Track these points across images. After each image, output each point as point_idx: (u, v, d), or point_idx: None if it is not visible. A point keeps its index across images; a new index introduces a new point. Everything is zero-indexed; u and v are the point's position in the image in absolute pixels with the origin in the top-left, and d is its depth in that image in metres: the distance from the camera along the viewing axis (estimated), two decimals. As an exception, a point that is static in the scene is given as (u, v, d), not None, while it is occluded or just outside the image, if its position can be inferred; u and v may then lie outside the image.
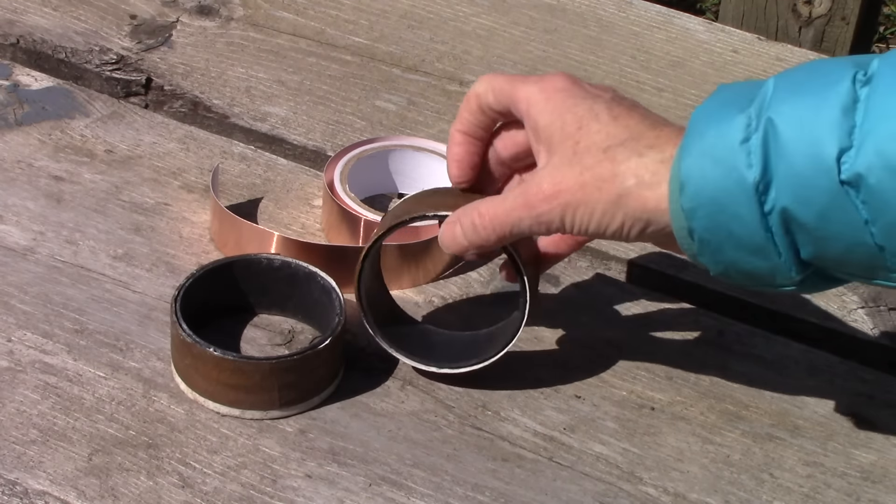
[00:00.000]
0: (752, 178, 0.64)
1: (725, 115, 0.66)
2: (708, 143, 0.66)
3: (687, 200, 0.66)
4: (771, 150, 0.64)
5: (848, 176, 0.62)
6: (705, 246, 0.68)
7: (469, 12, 1.14)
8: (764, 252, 0.66)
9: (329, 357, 0.77)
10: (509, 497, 0.74)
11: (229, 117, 1.00)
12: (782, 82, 0.66)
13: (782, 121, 0.64)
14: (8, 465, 0.72)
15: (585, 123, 0.71)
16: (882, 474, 0.78)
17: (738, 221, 0.65)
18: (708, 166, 0.65)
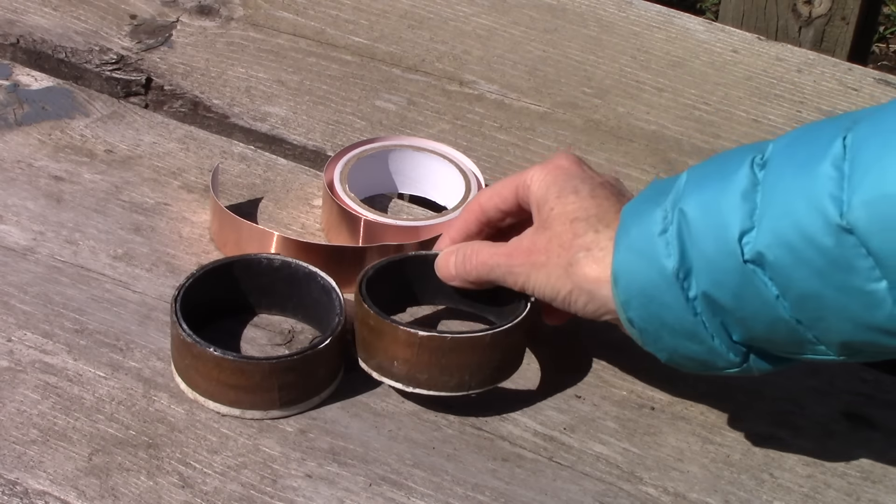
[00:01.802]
0: (671, 267, 0.68)
1: (646, 210, 0.71)
2: (632, 237, 0.70)
3: (621, 293, 0.71)
4: (685, 239, 0.68)
5: (751, 255, 0.66)
6: (646, 334, 0.72)
7: (469, 12, 1.14)
8: (697, 336, 0.70)
9: (329, 357, 0.77)
10: (509, 497, 0.74)
11: (229, 117, 1.00)
12: (693, 174, 0.70)
13: (692, 209, 0.68)
14: (8, 465, 0.72)
15: (564, 195, 0.75)
16: (882, 474, 0.78)
17: (667, 309, 0.70)
18: (634, 259, 0.70)
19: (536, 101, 1.05)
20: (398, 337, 0.77)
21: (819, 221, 0.63)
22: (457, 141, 0.99)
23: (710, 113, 1.05)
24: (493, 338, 0.77)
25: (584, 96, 1.06)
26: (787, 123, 1.05)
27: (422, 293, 0.84)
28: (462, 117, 1.02)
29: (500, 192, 0.79)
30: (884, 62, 2.19)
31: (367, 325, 0.78)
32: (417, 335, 0.76)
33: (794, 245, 0.64)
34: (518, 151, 1.00)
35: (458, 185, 0.91)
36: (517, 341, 0.79)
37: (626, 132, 1.03)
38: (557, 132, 1.02)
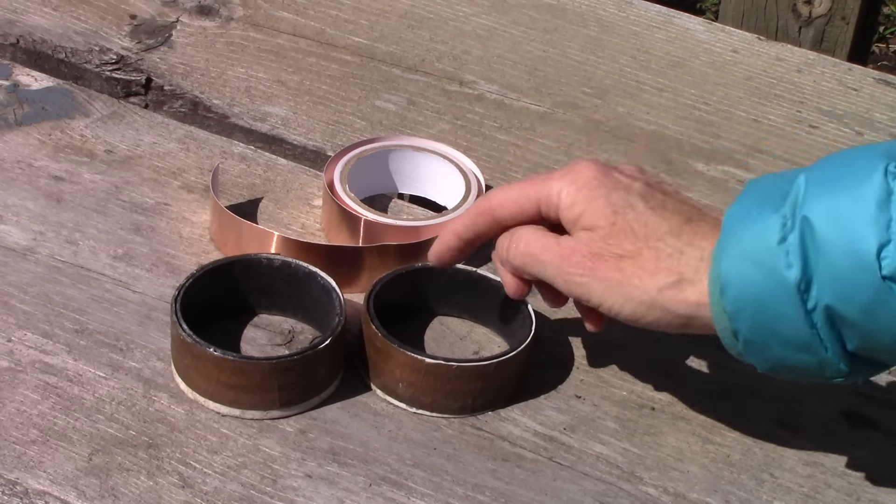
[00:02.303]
0: (793, 278, 0.64)
1: (759, 215, 0.66)
2: (745, 245, 0.66)
3: (729, 303, 0.67)
4: (809, 249, 0.64)
5: (890, 271, 0.62)
6: (751, 346, 0.68)
7: (469, 12, 1.14)
8: (810, 348, 0.66)
9: (329, 357, 0.77)
10: (509, 497, 0.74)
11: (229, 117, 1.00)
12: (814, 178, 0.65)
13: (818, 219, 0.64)
14: (8, 465, 0.72)
15: (621, 211, 0.72)
16: (882, 474, 0.78)
17: (782, 321, 0.66)
18: (747, 268, 0.66)
19: (536, 101, 1.05)
20: (404, 361, 0.77)
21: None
22: (457, 141, 0.99)
23: (710, 113, 1.05)
24: (499, 366, 0.77)
25: (584, 96, 1.06)
26: (787, 123, 1.05)
27: (429, 303, 0.84)
28: (462, 117, 1.02)
29: (517, 201, 0.75)
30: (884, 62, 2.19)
31: (374, 346, 0.78)
32: (423, 362, 0.76)
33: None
34: (518, 151, 1.00)
35: (458, 185, 0.91)
36: (521, 366, 0.80)
37: (626, 132, 1.03)
38: (557, 132, 1.02)
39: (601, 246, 0.72)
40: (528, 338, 0.79)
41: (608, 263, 0.71)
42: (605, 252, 0.71)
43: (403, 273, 0.82)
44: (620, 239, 0.71)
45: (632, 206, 0.72)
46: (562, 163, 0.99)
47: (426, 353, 0.77)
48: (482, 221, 0.77)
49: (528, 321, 0.80)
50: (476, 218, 0.77)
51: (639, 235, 0.71)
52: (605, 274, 0.71)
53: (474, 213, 0.77)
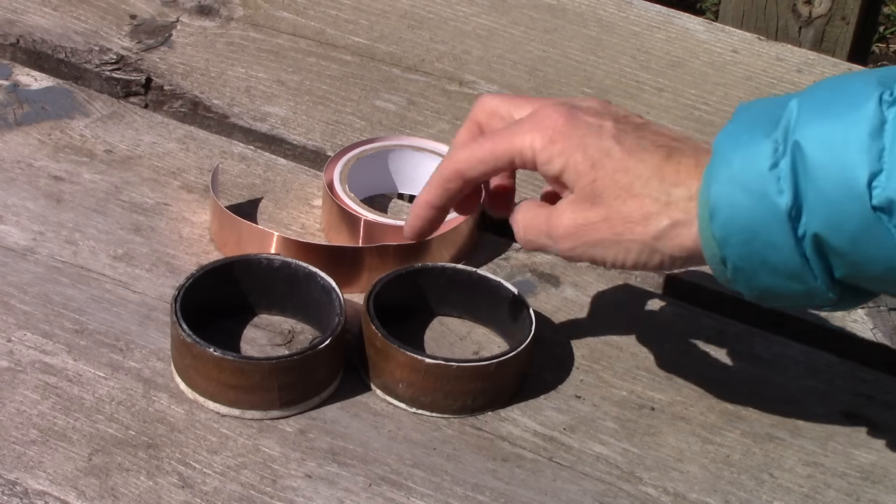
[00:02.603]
0: (784, 205, 0.63)
1: (751, 140, 0.65)
2: (735, 169, 0.65)
3: (718, 229, 0.66)
4: (800, 175, 0.63)
5: (880, 201, 0.61)
6: (739, 273, 0.67)
7: (469, 12, 1.14)
8: (800, 277, 0.65)
9: (329, 357, 0.77)
10: (509, 497, 0.74)
11: (229, 117, 1.00)
12: (807, 103, 0.64)
13: (809, 144, 0.63)
14: (8, 465, 0.72)
15: (598, 161, 0.70)
16: (882, 474, 0.78)
17: (772, 248, 0.65)
18: (737, 194, 0.64)
19: (536, 101, 1.05)
20: (404, 361, 0.77)
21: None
22: (457, 141, 0.99)
23: (710, 113, 1.05)
24: (499, 366, 0.77)
25: (584, 96, 1.06)
26: (787, 123, 1.05)
27: (428, 303, 0.84)
28: (462, 117, 1.02)
29: (487, 161, 0.73)
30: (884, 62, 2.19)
31: (374, 346, 0.78)
32: (423, 362, 0.76)
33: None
34: (518, 151, 0.99)
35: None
36: (521, 366, 0.80)
37: (626, 132, 1.03)
38: (557, 132, 1.02)
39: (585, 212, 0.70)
40: (528, 338, 0.79)
41: (596, 226, 0.70)
42: (592, 216, 0.70)
43: (403, 273, 0.82)
44: (603, 197, 0.70)
45: (608, 154, 0.70)
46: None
47: (426, 354, 0.78)
48: (453, 187, 0.75)
49: (528, 321, 0.80)
50: (446, 185, 0.75)
51: (621, 185, 0.69)
52: (596, 237, 0.70)
53: (443, 179, 0.75)
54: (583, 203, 0.70)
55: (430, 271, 0.83)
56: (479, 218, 0.90)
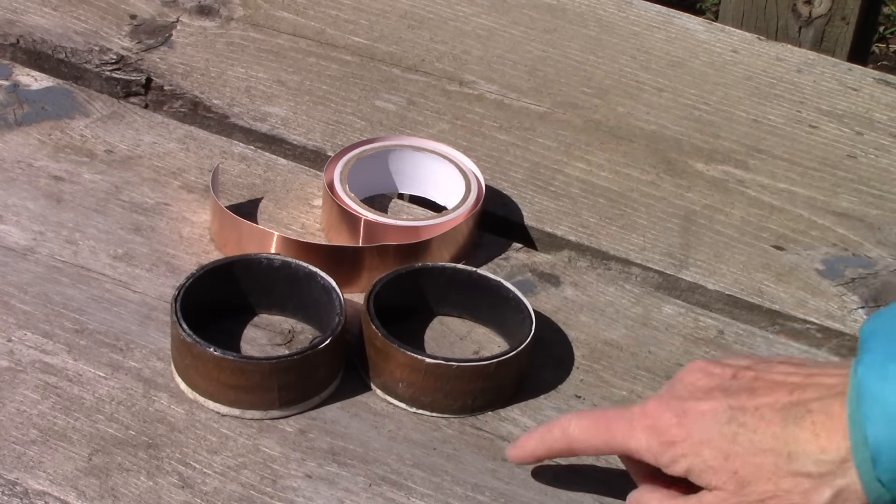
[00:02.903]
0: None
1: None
2: (890, 406, 0.62)
3: (884, 472, 0.62)
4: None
5: None
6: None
7: (469, 12, 1.14)
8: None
9: (329, 357, 0.77)
10: (509, 497, 0.74)
11: (229, 117, 1.00)
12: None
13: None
14: (8, 465, 0.72)
15: (729, 451, 0.66)
16: (882, 474, 0.78)
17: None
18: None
19: (536, 101, 1.05)
20: (404, 361, 0.77)
21: None
22: (457, 141, 0.99)
23: (710, 113, 1.05)
24: (499, 366, 0.77)
25: (584, 96, 1.06)
26: (787, 123, 1.05)
27: (428, 303, 0.84)
28: (462, 117, 1.02)
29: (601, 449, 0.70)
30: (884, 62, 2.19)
31: (374, 346, 0.78)
32: (423, 362, 0.77)
33: None
34: (518, 151, 1.00)
35: (458, 185, 0.91)
36: (521, 366, 0.80)
37: (626, 132, 1.03)
38: (557, 132, 1.02)
39: (737, 501, 0.66)
40: (528, 338, 0.79)
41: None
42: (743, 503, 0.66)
43: (403, 273, 0.82)
44: (751, 485, 0.65)
45: (735, 441, 0.66)
46: (561, 163, 0.99)
47: (426, 353, 0.77)
48: (558, 449, 0.72)
49: (528, 321, 0.80)
50: (552, 445, 0.72)
51: (766, 470, 0.65)
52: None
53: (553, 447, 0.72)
54: (731, 497, 0.66)
55: (430, 271, 0.83)
56: (479, 218, 0.90)
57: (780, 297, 0.89)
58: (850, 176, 1.01)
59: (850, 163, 1.02)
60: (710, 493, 0.67)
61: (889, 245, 0.95)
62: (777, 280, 0.91)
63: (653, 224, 0.94)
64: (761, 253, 0.93)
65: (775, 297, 0.89)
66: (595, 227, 0.94)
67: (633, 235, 0.93)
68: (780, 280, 0.91)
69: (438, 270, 0.83)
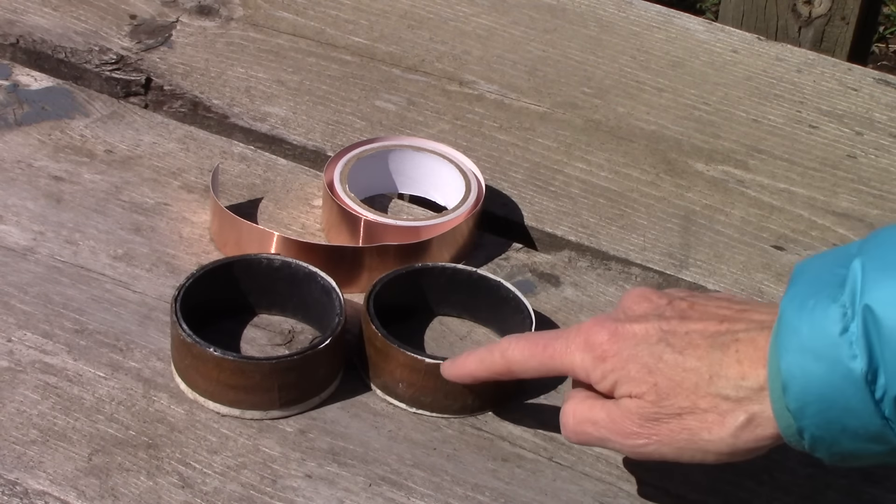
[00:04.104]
0: (859, 370, 0.62)
1: (817, 305, 0.63)
2: (804, 337, 0.63)
3: (793, 400, 0.64)
4: (873, 338, 0.61)
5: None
6: (818, 441, 0.65)
7: (469, 12, 1.14)
8: (882, 438, 0.63)
9: (329, 357, 0.77)
10: (509, 497, 0.74)
11: (229, 117, 1.00)
12: (871, 261, 0.63)
13: (881, 306, 0.61)
14: (8, 465, 0.72)
15: (654, 368, 0.68)
16: (882, 475, 0.78)
17: (850, 414, 0.63)
18: (809, 362, 0.63)
19: (536, 101, 1.05)
20: (404, 361, 0.77)
21: None
22: (457, 141, 0.99)
23: (710, 113, 1.05)
24: None
25: (584, 96, 1.06)
26: (786, 123, 1.05)
27: (428, 303, 0.84)
28: (462, 117, 1.02)
29: (538, 370, 0.72)
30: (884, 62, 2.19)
31: (374, 346, 0.78)
32: (423, 362, 0.77)
33: None
34: (518, 151, 1.00)
35: (458, 185, 0.91)
36: None
37: (626, 132, 1.03)
38: (557, 132, 1.02)
39: (654, 411, 0.68)
40: None
41: (669, 425, 0.68)
42: (660, 415, 0.68)
43: (403, 273, 0.82)
44: (670, 398, 0.68)
45: (661, 359, 0.68)
46: (561, 163, 0.99)
47: (426, 353, 0.78)
48: (497, 370, 0.74)
49: (527, 321, 0.80)
50: (493, 371, 0.74)
51: (686, 387, 0.67)
52: (670, 437, 0.68)
53: (493, 368, 0.74)
54: (650, 407, 0.68)
55: (430, 271, 0.83)
56: (479, 218, 0.90)
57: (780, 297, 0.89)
58: (850, 176, 1.01)
59: (850, 163, 1.02)
60: (630, 399, 0.69)
61: (889, 245, 0.95)
62: (777, 280, 0.91)
63: (653, 224, 0.94)
64: (761, 253, 0.93)
65: (775, 297, 0.89)
66: (595, 227, 0.94)
67: (633, 235, 0.93)
68: (780, 280, 0.91)
69: (438, 270, 0.83)
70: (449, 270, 0.83)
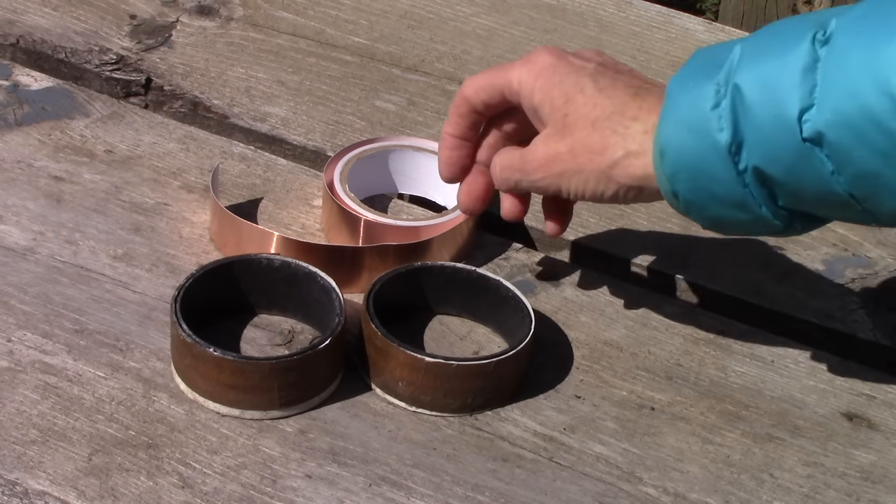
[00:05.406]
0: (724, 141, 0.68)
1: (697, 84, 0.69)
2: (682, 111, 0.70)
3: (668, 167, 0.71)
4: (739, 114, 0.67)
5: (810, 134, 0.65)
6: (691, 205, 0.72)
7: (469, 12, 1.14)
8: (745, 206, 0.70)
9: (329, 357, 0.77)
10: (509, 497, 0.74)
11: (229, 117, 1.00)
12: (748, 47, 0.69)
13: (747, 85, 0.67)
14: (8, 465, 0.72)
15: (572, 97, 0.75)
16: (882, 474, 0.78)
17: (716, 182, 0.69)
18: (684, 134, 0.69)
19: (536, 101, 1.05)
20: (403, 360, 0.77)
21: (887, 104, 0.62)
22: (457, 141, 0.99)
23: (710, 113, 1.05)
24: (498, 365, 0.77)
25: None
26: (787, 123, 1.05)
27: (428, 302, 0.84)
28: (462, 117, 1.02)
29: (485, 89, 0.79)
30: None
31: (374, 345, 0.78)
32: (423, 361, 0.77)
33: (858, 126, 0.63)
34: (518, 151, 0.99)
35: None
36: (520, 365, 0.80)
37: (626, 132, 1.02)
38: (557, 132, 1.02)
39: (555, 145, 0.75)
40: (528, 336, 0.79)
41: (563, 157, 0.75)
42: (559, 147, 0.75)
43: (403, 272, 0.82)
44: (573, 130, 0.75)
45: (581, 90, 0.75)
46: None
47: (426, 352, 0.78)
48: (464, 112, 0.81)
49: (527, 320, 0.80)
50: (458, 111, 0.81)
51: (589, 119, 0.74)
52: (562, 168, 0.75)
53: (455, 108, 0.81)
54: (554, 136, 0.76)
55: (429, 270, 0.83)
56: (479, 218, 0.90)
57: (780, 297, 0.89)
58: (850, 176, 1.00)
59: (850, 163, 1.02)
60: (540, 134, 0.77)
61: (889, 245, 0.95)
62: (777, 280, 0.91)
63: (653, 224, 0.94)
64: (761, 253, 0.93)
65: (775, 297, 0.89)
66: (595, 227, 0.94)
67: (633, 235, 0.93)
68: (780, 280, 0.91)
69: (438, 270, 0.83)
70: (449, 270, 0.83)
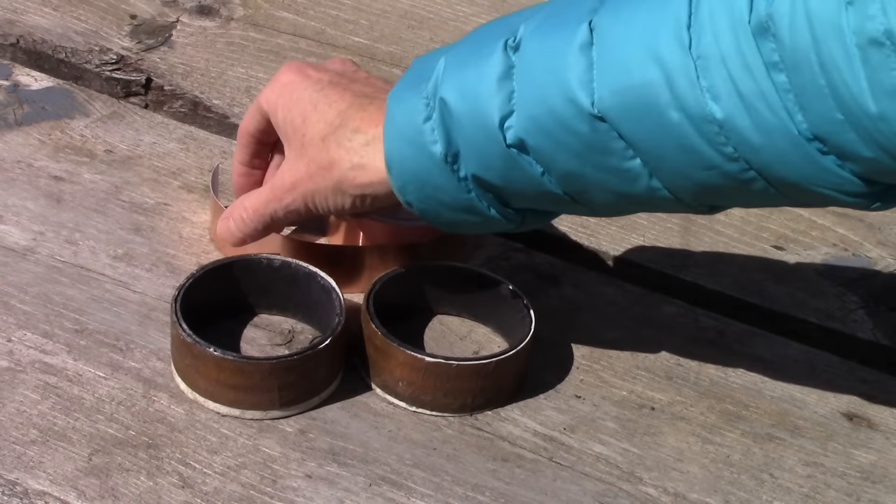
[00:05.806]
0: (439, 153, 0.70)
1: (409, 97, 0.71)
2: (399, 124, 0.71)
3: (395, 179, 0.73)
4: (449, 126, 0.70)
5: (513, 140, 0.68)
6: (426, 213, 0.74)
7: (469, 12, 1.14)
8: (474, 210, 0.72)
9: (329, 357, 0.77)
10: (509, 497, 0.74)
11: (229, 117, 1.00)
12: (450, 59, 0.70)
13: (451, 97, 0.69)
14: (8, 465, 0.72)
15: (308, 114, 0.76)
16: (882, 474, 0.78)
17: (441, 191, 0.72)
18: (403, 147, 0.71)
19: (536, 101, 1.05)
20: (404, 360, 0.77)
21: (572, 110, 0.65)
22: (457, 141, 0.99)
23: (710, 113, 1.05)
24: (498, 364, 0.77)
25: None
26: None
27: (428, 302, 0.84)
28: (462, 117, 1.02)
29: (252, 115, 0.81)
30: (884, 62, 2.19)
31: (374, 345, 0.78)
32: (423, 360, 0.77)
33: (552, 131, 0.66)
34: (518, 151, 1.00)
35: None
36: (520, 365, 0.80)
37: (626, 132, 1.02)
38: (557, 132, 1.02)
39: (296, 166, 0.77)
40: (528, 336, 0.79)
41: (303, 179, 0.76)
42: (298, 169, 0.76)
43: (403, 272, 0.82)
44: (307, 149, 0.76)
45: (315, 106, 0.76)
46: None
47: (426, 352, 0.78)
48: (245, 142, 0.83)
49: (527, 320, 0.80)
50: (239, 139, 0.83)
51: (319, 136, 0.75)
52: (304, 188, 0.77)
53: (238, 137, 0.83)
54: (295, 159, 0.77)
55: (429, 270, 0.83)
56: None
57: (780, 297, 0.89)
58: (850, 176, 1.00)
59: (850, 163, 1.02)
60: (286, 159, 0.78)
61: (889, 245, 0.95)
62: (777, 280, 0.91)
63: (653, 224, 0.94)
64: (761, 253, 0.93)
65: (775, 297, 0.89)
66: (595, 227, 0.94)
67: (633, 235, 0.93)
68: (780, 280, 0.91)
69: (438, 269, 0.83)
70: (449, 269, 0.83)
